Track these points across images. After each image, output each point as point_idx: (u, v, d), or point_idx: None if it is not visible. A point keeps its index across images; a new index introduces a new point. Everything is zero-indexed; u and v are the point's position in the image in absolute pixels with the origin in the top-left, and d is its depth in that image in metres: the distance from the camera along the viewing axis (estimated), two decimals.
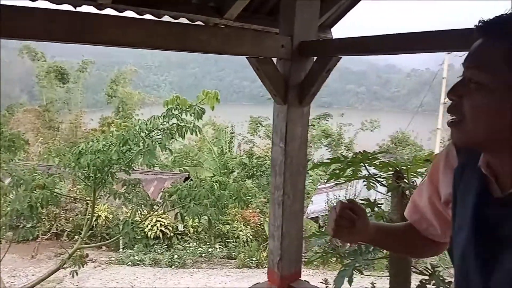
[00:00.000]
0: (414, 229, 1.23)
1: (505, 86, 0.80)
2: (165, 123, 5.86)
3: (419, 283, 2.92)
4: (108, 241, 9.07)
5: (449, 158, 1.07)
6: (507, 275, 0.82)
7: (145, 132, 5.73)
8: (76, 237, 10.93)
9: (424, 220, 1.18)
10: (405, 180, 2.92)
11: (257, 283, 2.42)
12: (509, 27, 0.81)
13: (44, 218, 12.16)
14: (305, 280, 2.49)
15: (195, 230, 13.85)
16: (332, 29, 2.87)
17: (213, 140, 19.28)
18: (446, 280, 2.91)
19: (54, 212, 12.64)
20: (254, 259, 12.06)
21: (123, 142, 5.39)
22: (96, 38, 1.49)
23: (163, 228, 13.11)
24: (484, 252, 0.88)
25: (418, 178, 3.12)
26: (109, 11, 1.92)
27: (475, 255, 0.90)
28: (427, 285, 2.91)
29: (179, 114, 5.77)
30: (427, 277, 2.92)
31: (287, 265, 2.35)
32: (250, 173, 16.54)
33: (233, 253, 12.83)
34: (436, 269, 3.22)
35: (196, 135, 6.18)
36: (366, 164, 3.11)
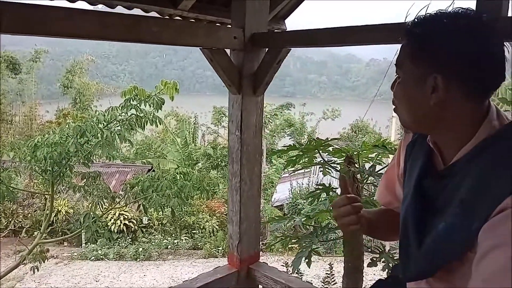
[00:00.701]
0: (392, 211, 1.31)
1: (413, 79, 0.97)
2: (123, 114, 5.78)
3: (370, 261, 3.12)
4: (69, 235, 8.86)
5: (408, 137, 1.20)
6: (434, 240, 0.95)
7: (103, 123, 5.63)
8: (36, 233, 10.61)
9: (395, 200, 1.27)
10: (355, 165, 3.08)
11: (218, 267, 2.49)
12: (412, 29, 0.97)
13: (1, 214, 11.69)
14: (263, 262, 2.60)
15: (160, 222, 13.77)
16: (295, 21, 2.95)
17: (176, 131, 19.08)
18: (395, 257, 3.12)
19: (11, 208, 12.17)
20: (220, 248, 12.18)
21: (80, 134, 5.28)
22: (47, 30, 1.49)
23: (127, 222, 12.96)
24: (421, 218, 1.01)
25: (369, 162, 3.31)
26: (60, 2, 1.91)
27: (413, 220, 1.03)
28: (378, 262, 3.12)
29: (138, 105, 5.71)
30: (377, 255, 3.13)
31: (246, 248, 2.44)
32: (215, 164, 16.57)
33: (199, 244, 12.89)
34: (385, 247, 3.44)
35: (156, 126, 6.14)
36: (320, 151, 3.26)
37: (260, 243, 2.80)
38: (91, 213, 5.73)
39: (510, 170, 0.83)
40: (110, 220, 12.47)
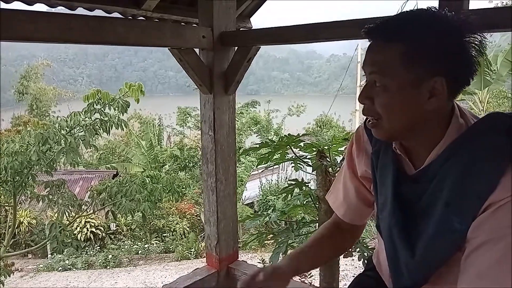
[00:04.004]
0: (337, 224, 1.31)
1: (406, 85, 0.88)
2: (87, 118, 5.59)
3: (345, 252, 3.20)
4: (34, 247, 8.49)
5: (361, 143, 1.18)
6: (427, 246, 0.93)
7: (65, 129, 5.43)
8: None
9: (350, 210, 1.26)
10: (327, 158, 3.15)
11: (196, 269, 2.47)
12: (399, 29, 0.89)
13: None
14: (242, 260, 2.60)
15: (128, 228, 13.47)
16: (260, 19, 2.96)
17: (140, 134, 18.67)
18: (370, 247, 3.21)
19: None
20: (192, 250, 12.04)
21: (42, 142, 5.06)
22: (7, 34, 1.42)
23: (93, 229, 12.60)
24: (407, 225, 0.98)
25: (339, 156, 3.38)
26: (18, 5, 1.82)
27: (399, 229, 0.99)
28: (353, 253, 3.21)
29: (102, 109, 5.54)
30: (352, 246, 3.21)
31: (224, 248, 2.43)
32: (183, 165, 16.34)
33: (171, 247, 12.70)
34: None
35: (122, 129, 5.98)
36: (292, 147, 3.31)
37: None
38: (57, 222, 5.52)
39: (488, 168, 0.84)
40: (76, 228, 12.07)
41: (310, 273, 5.47)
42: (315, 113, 23.81)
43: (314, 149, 3.27)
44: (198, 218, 13.81)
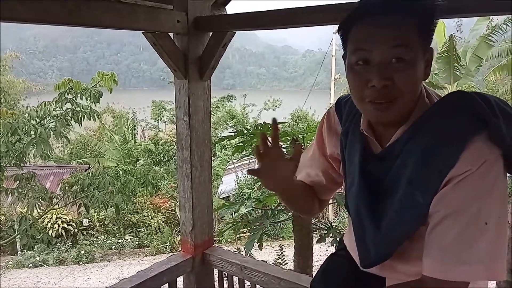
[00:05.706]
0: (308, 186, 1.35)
1: (420, 57, 0.90)
2: (58, 108, 5.43)
3: (319, 237, 3.28)
4: (3, 242, 8.23)
5: (332, 124, 1.21)
6: (393, 217, 0.96)
7: (35, 120, 5.27)
8: None
9: (313, 182, 1.28)
10: (302, 147, 3.21)
11: (171, 255, 2.48)
12: (412, 3, 0.89)
13: None
14: (218, 246, 2.62)
15: (101, 223, 13.23)
16: (235, 8, 2.96)
17: (113, 128, 18.30)
18: (342, 232, 3.31)
19: None
20: (167, 244, 11.97)
21: (11, 132, 4.90)
22: None
23: (65, 225, 12.31)
24: (373, 203, 1.01)
25: None
26: None
27: (365, 206, 1.03)
28: (326, 238, 3.29)
29: (74, 99, 5.39)
30: (325, 231, 3.30)
31: (199, 234, 2.44)
32: (157, 160, 16.15)
33: (145, 242, 12.57)
34: (332, 223, 3.63)
35: (94, 120, 5.84)
36: (267, 135, 3.34)
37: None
38: (28, 215, 5.37)
39: (449, 144, 0.86)
40: (47, 224, 11.77)
41: (285, 260, 5.56)
42: (290, 108, 23.99)
43: (289, 138, 3.33)
44: (174, 212, 13.71)
